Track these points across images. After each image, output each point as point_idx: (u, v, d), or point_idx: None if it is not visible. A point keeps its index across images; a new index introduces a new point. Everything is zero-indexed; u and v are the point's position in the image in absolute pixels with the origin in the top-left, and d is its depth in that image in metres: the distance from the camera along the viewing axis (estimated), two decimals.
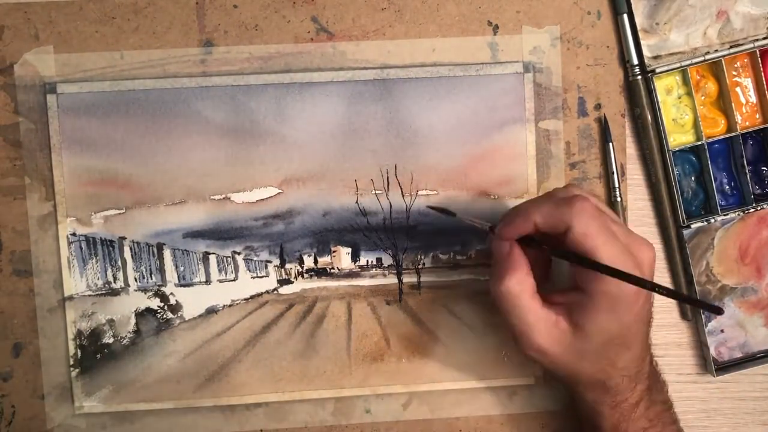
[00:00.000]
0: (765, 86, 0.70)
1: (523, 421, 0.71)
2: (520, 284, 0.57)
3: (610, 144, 0.69)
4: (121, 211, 0.67)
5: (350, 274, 0.70)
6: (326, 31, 0.68)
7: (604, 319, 0.55)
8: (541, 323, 0.57)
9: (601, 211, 0.56)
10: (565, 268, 0.61)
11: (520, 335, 0.58)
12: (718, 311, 0.52)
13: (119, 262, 0.68)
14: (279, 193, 0.68)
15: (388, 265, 0.69)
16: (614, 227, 0.56)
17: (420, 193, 0.69)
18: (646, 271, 0.56)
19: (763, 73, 0.70)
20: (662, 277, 0.72)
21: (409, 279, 0.70)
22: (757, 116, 0.71)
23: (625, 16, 0.68)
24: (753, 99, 0.71)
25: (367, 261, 0.70)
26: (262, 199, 0.68)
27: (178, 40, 0.67)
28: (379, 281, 0.70)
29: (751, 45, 0.69)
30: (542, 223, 0.56)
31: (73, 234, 0.67)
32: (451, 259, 0.70)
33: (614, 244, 0.54)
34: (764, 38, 0.70)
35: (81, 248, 0.67)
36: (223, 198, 0.68)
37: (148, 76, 0.67)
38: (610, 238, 0.54)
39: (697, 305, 0.69)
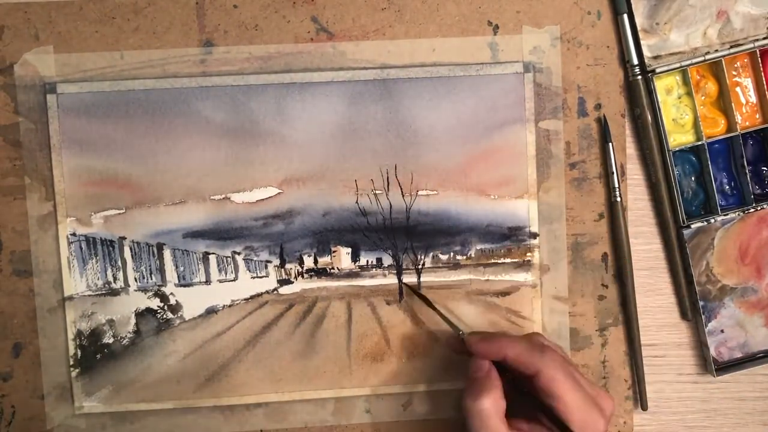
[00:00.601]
0: (765, 86, 0.70)
1: None
2: (494, 405, 0.58)
3: (610, 144, 0.69)
4: (121, 211, 0.67)
5: (350, 274, 0.70)
6: (326, 31, 0.68)
7: None
8: None
9: (568, 363, 0.60)
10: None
11: None
12: None
13: (119, 262, 0.67)
14: (279, 193, 0.68)
15: (388, 265, 0.69)
16: (579, 378, 0.59)
17: (420, 193, 0.69)
18: (608, 418, 0.59)
19: (763, 73, 0.70)
20: (662, 277, 0.72)
21: (409, 279, 0.69)
22: (757, 116, 0.71)
23: (625, 16, 0.68)
24: (753, 99, 0.71)
25: (367, 261, 0.69)
26: (262, 199, 0.68)
27: (178, 40, 0.67)
28: (379, 281, 0.70)
29: (751, 45, 0.69)
30: (513, 360, 0.59)
31: (73, 234, 0.67)
32: (451, 259, 0.70)
33: (578, 392, 0.58)
34: (764, 38, 0.70)
35: (81, 248, 0.67)
36: (223, 198, 0.68)
37: (148, 76, 0.67)
38: (575, 386, 0.58)
39: None
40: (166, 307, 0.68)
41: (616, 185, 0.69)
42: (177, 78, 0.67)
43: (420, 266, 0.70)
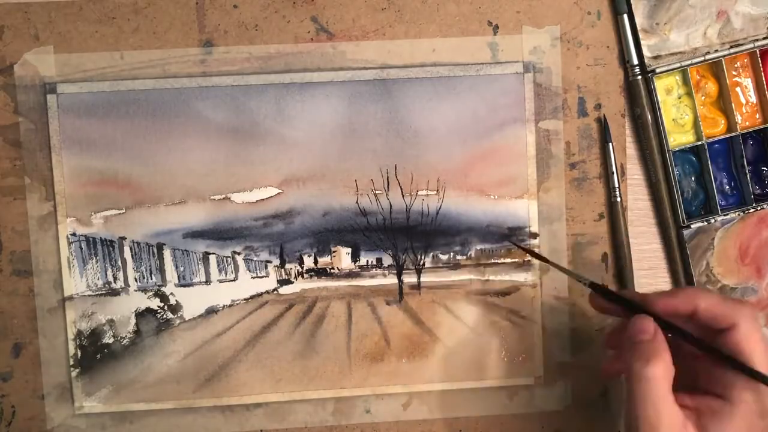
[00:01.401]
0: (765, 86, 0.70)
1: (524, 421, 0.71)
2: (666, 372, 0.52)
3: (610, 144, 0.69)
4: (121, 211, 0.67)
5: (350, 274, 0.70)
6: (326, 31, 0.68)
7: (740, 429, 0.52)
8: (673, 420, 0.52)
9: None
10: None
11: (644, 424, 0.52)
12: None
13: (119, 262, 0.68)
14: (279, 193, 0.68)
15: (388, 265, 0.69)
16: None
17: (420, 193, 0.69)
18: None
19: (763, 73, 0.70)
20: (662, 277, 0.72)
21: (409, 279, 0.70)
22: (757, 116, 0.71)
23: (625, 16, 0.68)
24: (753, 99, 0.71)
25: (367, 261, 0.70)
26: (262, 199, 0.68)
27: (178, 40, 0.67)
28: (379, 281, 0.70)
29: (751, 45, 0.69)
30: (705, 311, 0.53)
31: (73, 234, 0.67)
32: (451, 259, 0.70)
33: None
34: (764, 38, 0.70)
35: (81, 248, 0.67)
36: (223, 198, 0.68)
37: (148, 76, 0.67)
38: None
39: None
40: (166, 307, 0.68)
41: (616, 185, 0.69)
42: (177, 78, 0.67)
43: (420, 266, 0.70)
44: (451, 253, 0.70)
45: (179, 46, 0.67)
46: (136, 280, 0.68)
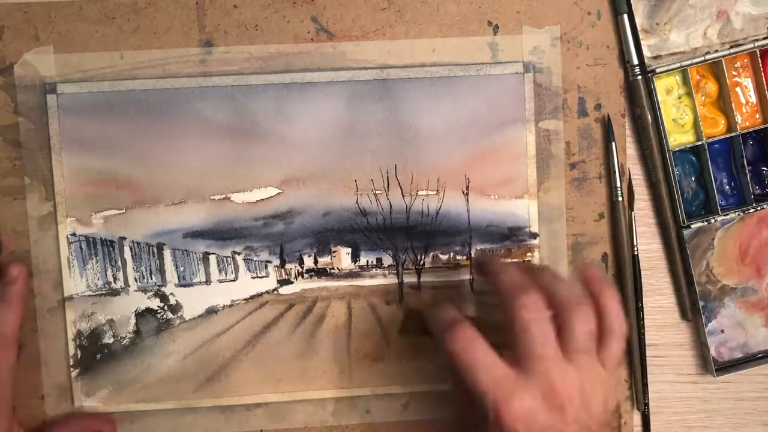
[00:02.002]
0: (765, 86, 0.70)
1: None
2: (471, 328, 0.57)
3: (613, 144, 0.69)
4: (121, 211, 0.67)
5: (350, 274, 0.70)
6: (326, 31, 0.68)
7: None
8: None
9: None
10: None
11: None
12: None
13: (119, 263, 0.68)
14: (279, 193, 0.68)
15: (388, 265, 0.70)
16: None
17: (420, 193, 0.69)
18: None
19: (763, 73, 0.70)
20: (662, 277, 0.72)
21: (409, 279, 0.70)
22: (757, 116, 0.71)
23: (625, 16, 0.68)
24: (753, 99, 0.71)
25: (367, 261, 0.70)
26: (262, 199, 0.68)
27: (178, 40, 0.67)
28: (379, 281, 0.70)
29: (751, 45, 0.69)
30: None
31: (73, 234, 0.67)
32: (451, 259, 0.70)
33: None
34: (764, 38, 0.70)
35: (81, 248, 0.67)
36: (223, 198, 0.68)
37: (148, 76, 0.67)
38: None
39: None
40: (166, 307, 0.68)
41: (618, 185, 0.69)
42: (177, 78, 0.67)
43: (420, 266, 0.70)
44: (451, 253, 0.70)
45: (179, 46, 0.67)
46: (136, 280, 0.68)
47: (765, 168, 0.72)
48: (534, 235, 0.70)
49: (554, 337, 0.54)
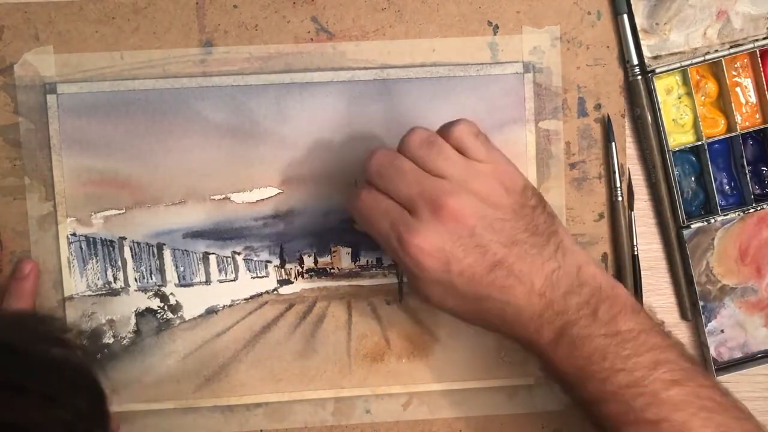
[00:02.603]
0: (765, 86, 0.70)
1: (523, 421, 0.71)
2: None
3: (613, 144, 0.69)
4: (121, 212, 0.67)
5: (350, 274, 0.70)
6: (326, 32, 0.68)
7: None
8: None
9: None
10: None
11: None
12: None
13: (119, 263, 0.68)
14: (279, 193, 0.68)
15: (388, 265, 0.70)
16: None
17: None
18: None
19: (763, 73, 0.70)
20: (662, 278, 0.72)
21: None
22: (757, 116, 0.71)
23: (625, 16, 0.69)
24: (753, 99, 0.71)
25: (368, 261, 0.70)
26: (262, 199, 0.68)
27: (178, 40, 0.67)
28: (379, 281, 0.70)
29: (751, 45, 0.70)
30: None
31: (73, 234, 0.67)
32: None
33: None
34: (764, 38, 0.70)
35: (81, 248, 0.67)
36: (223, 198, 0.68)
37: (148, 76, 0.67)
38: None
39: None
40: (166, 307, 0.68)
41: (618, 185, 0.69)
42: (177, 78, 0.67)
43: None
44: None
45: (179, 46, 0.67)
46: (136, 280, 0.68)
47: (765, 168, 0.72)
48: None
49: (417, 173, 0.56)
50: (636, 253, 0.71)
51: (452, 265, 0.55)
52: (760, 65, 0.70)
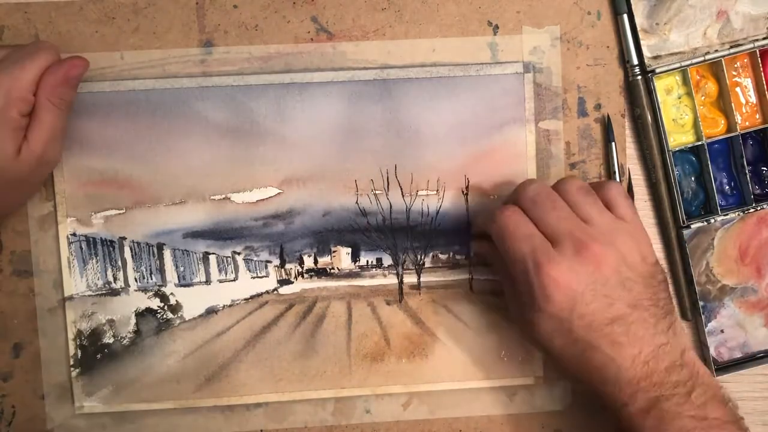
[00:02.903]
0: (765, 86, 0.70)
1: (524, 421, 0.71)
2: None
3: (613, 144, 0.69)
4: (122, 212, 0.68)
5: (350, 274, 0.70)
6: (326, 31, 0.68)
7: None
8: None
9: None
10: None
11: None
12: None
13: (119, 262, 0.68)
14: (279, 193, 0.69)
15: (388, 265, 0.70)
16: None
17: (420, 193, 0.69)
18: None
19: (763, 73, 0.70)
20: None
21: (409, 279, 0.70)
22: (757, 116, 0.71)
23: (625, 16, 0.69)
24: (753, 99, 0.71)
25: (367, 261, 0.70)
26: (262, 200, 0.69)
27: (178, 40, 0.67)
28: (379, 281, 0.70)
29: (751, 45, 0.70)
30: None
31: (73, 234, 0.68)
32: (451, 259, 0.70)
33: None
34: (764, 38, 0.70)
35: (81, 248, 0.68)
36: (223, 198, 0.68)
37: (148, 76, 0.67)
38: None
39: None
40: (166, 307, 0.69)
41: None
42: (177, 78, 0.67)
43: (420, 266, 0.70)
44: (451, 253, 0.70)
45: (179, 46, 0.67)
46: (136, 280, 0.68)
47: (765, 168, 0.72)
48: None
49: (569, 212, 0.59)
50: None
51: (577, 305, 0.56)
52: (760, 65, 0.70)
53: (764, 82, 0.70)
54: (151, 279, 0.69)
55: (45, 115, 0.60)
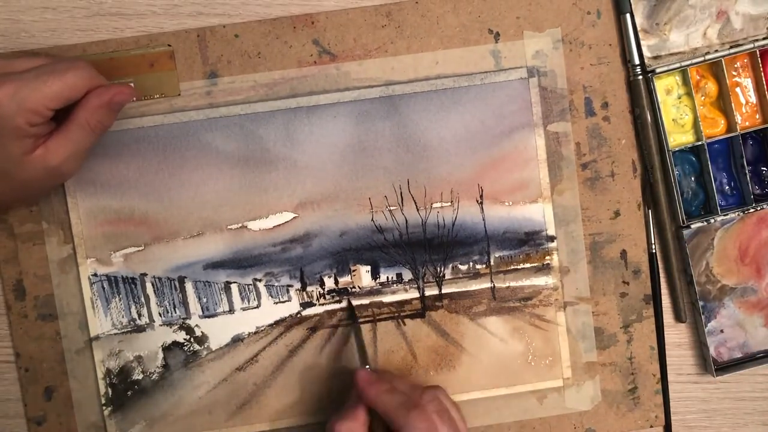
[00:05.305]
0: (765, 86, 0.74)
1: (555, 423, 0.76)
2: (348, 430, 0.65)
3: (627, 15, 0.73)
4: (140, 248, 0.73)
5: (371, 292, 0.75)
6: (328, 53, 0.73)
7: None
8: None
9: (439, 419, 0.65)
10: None
11: None
12: None
13: (142, 299, 0.73)
14: (295, 218, 0.74)
15: (409, 280, 0.75)
16: None
17: (434, 205, 0.74)
18: None
19: (763, 73, 0.74)
20: (662, 278, 0.77)
21: (430, 292, 0.75)
22: (757, 116, 0.75)
23: (628, 15, 0.72)
24: (753, 99, 0.75)
25: (387, 277, 0.75)
26: (279, 225, 0.74)
27: (182, 73, 0.72)
28: (400, 296, 0.75)
29: (751, 45, 0.74)
30: (382, 413, 0.65)
31: (95, 274, 0.73)
32: (471, 269, 0.75)
33: None
34: (764, 38, 0.74)
35: (103, 288, 0.73)
36: (240, 227, 0.73)
37: (155, 112, 0.72)
38: None
39: None
40: (192, 339, 0.74)
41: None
42: (184, 111, 0.72)
43: (440, 278, 0.75)
44: (471, 263, 0.75)
45: (184, 80, 0.72)
46: (160, 315, 0.74)
47: (765, 168, 0.77)
48: (551, 238, 0.75)
49: None
50: (653, 251, 0.75)
51: None
52: (760, 65, 0.74)
53: (764, 82, 0.74)
54: (175, 312, 0.74)
55: (77, 132, 0.64)
